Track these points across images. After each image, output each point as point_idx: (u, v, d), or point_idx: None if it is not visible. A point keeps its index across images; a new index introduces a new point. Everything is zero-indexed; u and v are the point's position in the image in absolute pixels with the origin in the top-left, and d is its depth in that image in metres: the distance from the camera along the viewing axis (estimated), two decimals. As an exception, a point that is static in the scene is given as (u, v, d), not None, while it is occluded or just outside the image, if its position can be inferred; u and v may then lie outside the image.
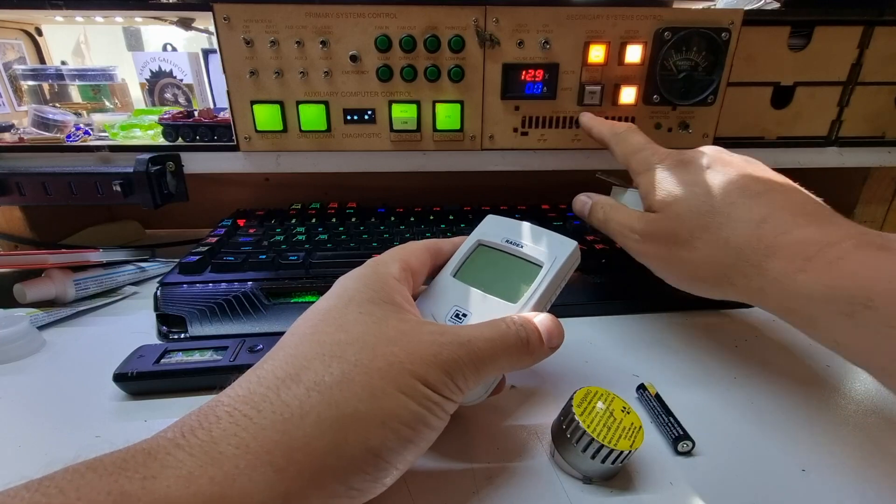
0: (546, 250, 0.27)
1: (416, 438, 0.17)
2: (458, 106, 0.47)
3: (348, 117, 0.47)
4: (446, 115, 0.47)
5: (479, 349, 0.20)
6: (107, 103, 0.67)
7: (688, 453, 0.26)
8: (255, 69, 0.45)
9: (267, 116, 0.46)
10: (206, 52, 0.70)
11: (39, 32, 0.66)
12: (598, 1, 0.45)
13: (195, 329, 0.36)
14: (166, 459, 0.14)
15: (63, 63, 0.73)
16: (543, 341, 0.23)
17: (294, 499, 0.15)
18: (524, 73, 0.46)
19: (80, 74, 0.66)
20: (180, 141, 0.50)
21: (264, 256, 0.42)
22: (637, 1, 0.45)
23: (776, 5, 0.52)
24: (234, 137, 0.48)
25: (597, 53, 0.45)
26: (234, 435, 0.15)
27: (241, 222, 0.52)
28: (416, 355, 0.18)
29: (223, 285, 0.39)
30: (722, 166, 0.31)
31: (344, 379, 0.17)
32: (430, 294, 0.28)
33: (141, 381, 0.30)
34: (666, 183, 0.32)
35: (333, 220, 0.52)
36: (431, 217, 0.53)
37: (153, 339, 0.36)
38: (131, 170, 0.45)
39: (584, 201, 0.39)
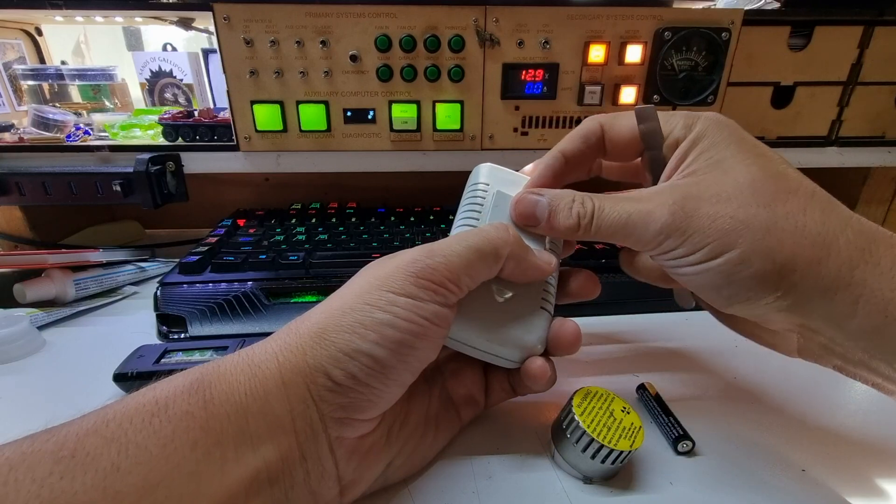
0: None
1: (383, 341, 0.20)
2: (458, 106, 0.47)
3: (348, 116, 0.47)
4: (446, 115, 0.47)
5: (448, 252, 0.22)
6: (107, 103, 0.67)
7: (688, 453, 0.26)
8: (255, 69, 0.45)
9: (267, 116, 0.46)
10: (206, 52, 0.70)
11: (39, 32, 0.66)
12: (598, 1, 0.45)
13: (195, 329, 0.36)
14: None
15: (63, 63, 0.73)
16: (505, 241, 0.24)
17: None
18: (524, 72, 0.46)
19: (80, 74, 0.66)
20: (180, 141, 0.50)
21: (264, 256, 0.42)
22: (637, 1, 0.45)
23: (776, 5, 0.52)
24: (234, 137, 0.48)
25: (597, 53, 0.45)
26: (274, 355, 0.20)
27: (241, 222, 0.52)
28: (390, 272, 0.21)
29: (223, 285, 0.39)
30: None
31: (333, 303, 0.21)
32: None
33: (141, 381, 0.30)
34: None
35: (333, 220, 0.52)
36: (431, 217, 0.53)
37: (153, 339, 0.36)
38: (131, 170, 0.45)
39: (534, 201, 0.26)
